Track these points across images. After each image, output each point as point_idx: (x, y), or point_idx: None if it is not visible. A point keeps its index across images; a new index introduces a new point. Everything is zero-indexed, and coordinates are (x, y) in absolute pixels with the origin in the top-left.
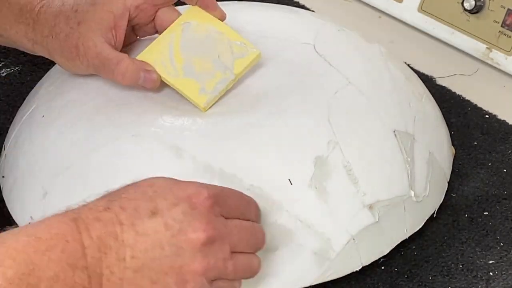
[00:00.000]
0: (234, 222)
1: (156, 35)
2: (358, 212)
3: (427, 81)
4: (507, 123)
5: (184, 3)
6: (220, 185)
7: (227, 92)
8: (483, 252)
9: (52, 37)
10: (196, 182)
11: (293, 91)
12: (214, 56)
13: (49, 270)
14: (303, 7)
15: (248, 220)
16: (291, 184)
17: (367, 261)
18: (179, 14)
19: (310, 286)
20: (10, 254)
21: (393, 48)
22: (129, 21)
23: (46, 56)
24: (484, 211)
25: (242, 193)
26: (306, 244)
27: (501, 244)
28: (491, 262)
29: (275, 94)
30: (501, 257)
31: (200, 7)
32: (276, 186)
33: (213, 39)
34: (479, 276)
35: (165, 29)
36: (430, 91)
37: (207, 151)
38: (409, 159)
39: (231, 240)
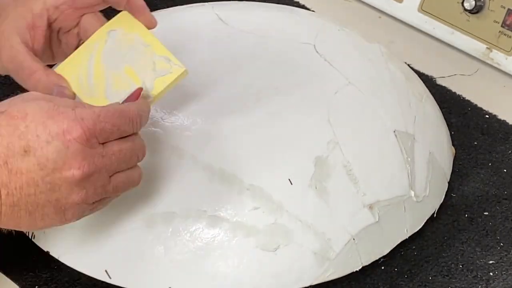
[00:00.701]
0: (113, 148)
1: None
2: (358, 212)
3: (427, 81)
4: (507, 123)
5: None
6: (220, 186)
7: (227, 92)
8: (483, 252)
9: None
10: (71, 114)
11: (293, 91)
12: (134, 73)
13: None
14: (303, 7)
15: (129, 135)
16: (291, 184)
17: (367, 261)
18: (104, 21)
19: (310, 286)
20: None
21: (393, 48)
22: (51, 23)
23: None
24: (484, 211)
25: (122, 109)
26: (306, 244)
27: (501, 244)
28: (491, 262)
29: (275, 94)
30: (501, 257)
31: (129, 11)
32: (276, 186)
33: (137, 52)
34: (479, 276)
35: (87, 37)
36: (430, 91)
37: (207, 151)
38: (409, 159)
39: (109, 168)
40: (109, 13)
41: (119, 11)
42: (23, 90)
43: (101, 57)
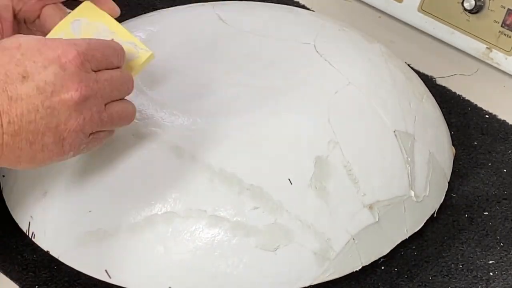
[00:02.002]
0: (105, 75)
1: None
2: (358, 212)
3: (427, 81)
4: (507, 123)
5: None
6: (220, 186)
7: (227, 92)
8: (483, 252)
9: None
10: (64, 40)
11: (293, 91)
12: None
13: None
14: (303, 7)
15: (117, 67)
16: (291, 184)
17: (367, 261)
18: (66, 13)
19: (310, 286)
20: None
21: (393, 48)
22: (15, 14)
23: None
24: (484, 211)
25: (107, 42)
26: (306, 244)
27: (501, 244)
28: (491, 262)
29: (275, 94)
30: (501, 257)
31: (91, 1)
32: (276, 186)
33: (103, 39)
34: (479, 276)
35: (48, 29)
36: (430, 91)
37: (207, 151)
38: (409, 159)
39: (103, 93)
40: (72, 5)
41: (80, 2)
42: None
43: None
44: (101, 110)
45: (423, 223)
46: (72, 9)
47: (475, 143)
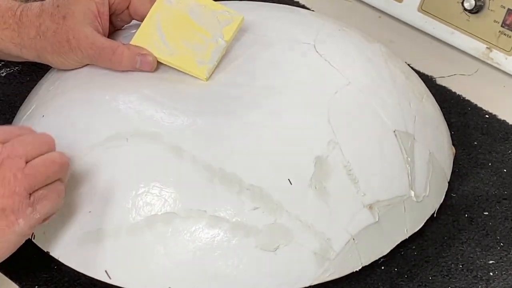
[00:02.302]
0: (12, 140)
1: (134, 22)
2: (358, 212)
3: (427, 81)
4: (507, 123)
5: None
6: (220, 186)
7: (227, 92)
8: (483, 252)
9: (40, 37)
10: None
11: (294, 91)
12: (203, 28)
13: None
14: (303, 7)
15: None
16: (291, 184)
17: (367, 261)
18: (153, 0)
19: (310, 286)
20: None
21: (393, 48)
22: (109, 7)
23: (35, 60)
24: (484, 211)
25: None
26: (306, 244)
27: (501, 244)
28: (491, 262)
29: (275, 94)
30: (501, 257)
31: None
32: (276, 186)
33: (197, 12)
34: (479, 276)
35: (139, 15)
36: (430, 91)
37: (207, 151)
38: (409, 159)
39: (17, 153)
40: None
41: None
42: (23, 90)
43: (167, 23)
44: (21, 166)
45: (423, 223)
46: None
47: (475, 143)
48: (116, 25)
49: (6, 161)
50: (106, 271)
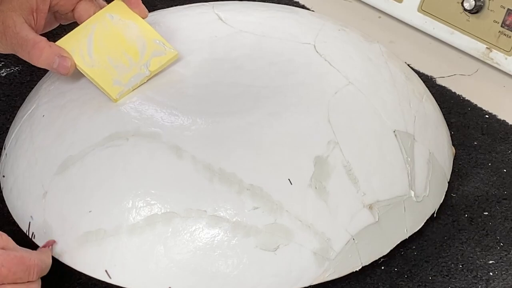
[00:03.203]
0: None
1: None
2: (358, 212)
3: (427, 81)
4: (507, 123)
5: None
6: (220, 185)
7: (227, 92)
8: (483, 252)
9: None
10: None
11: (293, 91)
12: (132, 52)
13: None
14: (303, 7)
15: (28, 281)
16: (291, 184)
17: (367, 261)
18: (98, 8)
19: (310, 286)
20: None
21: (393, 48)
22: (51, 7)
23: None
24: (484, 211)
25: (20, 259)
26: (306, 244)
27: (501, 244)
28: (491, 262)
29: (275, 94)
30: (501, 257)
31: (124, 2)
32: (276, 186)
33: (133, 35)
34: (479, 276)
35: (82, 20)
36: (430, 91)
37: (207, 151)
38: (409, 159)
39: None
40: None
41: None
42: (23, 90)
43: (100, 35)
44: None
45: (423, 223)
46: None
47: (475, 143)
48: (60, 21)
49: None
50: (106, 270)
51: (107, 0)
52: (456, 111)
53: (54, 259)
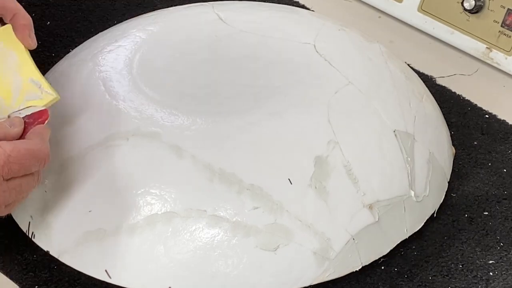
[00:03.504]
0: (15, 183)
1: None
2: (358, 212)
3: (427, 81)
4: (507, 123)
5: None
6: (220, 185)
7: (227, 92)
8: (483, 252)
9: None
10: None
11: (293, 91)
12: (5, 92)
13: None
14: (303, 7)
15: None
16: (291, 184)
17: (367, 261)
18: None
19: (310, 286)
20: None
21: (393, 48)
22: None
23: None
24: (484, 211)
25: (33, 152)
26: (306, 244)
27: (501, 244)
28: (491, 262)
29: (275, 94)
30: (501, 257)
31: (13, 27)
32: (276, 186)
33: (11, 71)
34: (479, 276)
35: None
36: (430, 91)
37: (207, 151)
38: (409, 159)
39: (6, 200)
40: None
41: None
42: None
43: None
44: None
45: (423, 223)
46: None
47: (475, 143)
48: None
49: None
50: (106, 270)
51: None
52: (456, 111)
53: (54, 259)
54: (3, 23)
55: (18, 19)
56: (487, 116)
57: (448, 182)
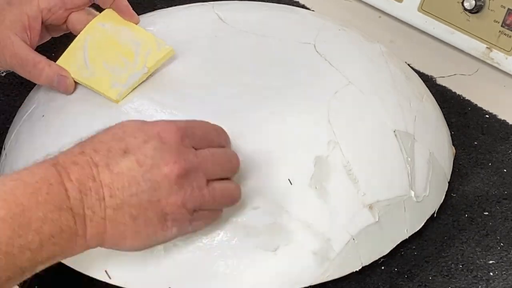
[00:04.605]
0: (205, 152)
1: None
2: (358, 212)
3: (427, 81)
4: (507, 123)
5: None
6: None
7: (227, 92)
8: (483, 252)
9: None
10: (163, 120)
11: (293, 91)
12: (127, 53)
13: (38, 211)
14: (303, 7)
15: (220, 147)
16: (291, 184)
17: (367, 261)
18: (91, 17)
19: (310, 286)
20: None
21: (393, 48)
22: (42, 22)
23: None
24: (484, 211)
25: (208, 122)
26: (306, 244)
27: (501, 244)
28: (491, 262)
29: (275, 94)
30: (501, 257)
31: (115, 10)
32: (276, 186)
33: (127, 38)
34: (479, 276)
35: (77, 31)
36: (430, 91)
37: None
38: (409, 159)
39: (204, 169)
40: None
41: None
42: (23, 90)
43: (94, 44)
44: (202, 185)
45: (423, 223)
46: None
47: (475, 143)
48: (53, 34)
49: (193, 173)
50: (106, 271)
51: (99, 9)
52: (456, 111)
53: None
54: (98, 9)
55: (120, 2)
56: (487, 116)
57: (448, 182)
